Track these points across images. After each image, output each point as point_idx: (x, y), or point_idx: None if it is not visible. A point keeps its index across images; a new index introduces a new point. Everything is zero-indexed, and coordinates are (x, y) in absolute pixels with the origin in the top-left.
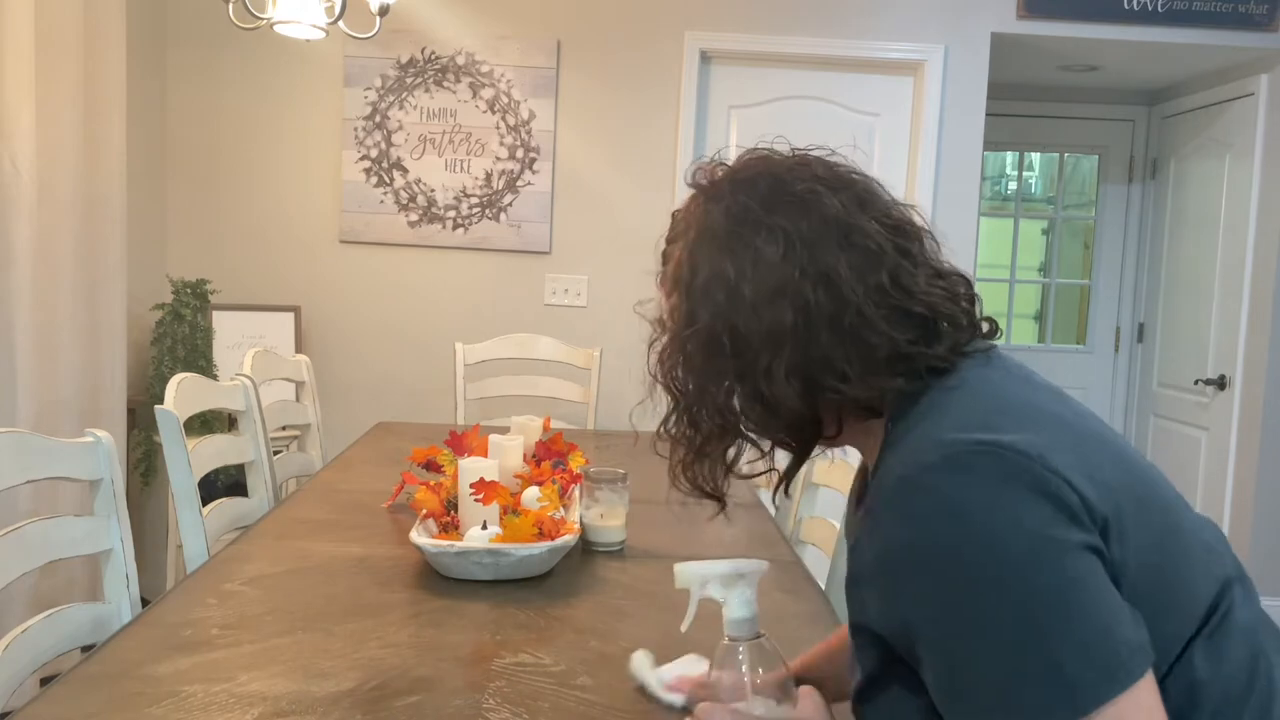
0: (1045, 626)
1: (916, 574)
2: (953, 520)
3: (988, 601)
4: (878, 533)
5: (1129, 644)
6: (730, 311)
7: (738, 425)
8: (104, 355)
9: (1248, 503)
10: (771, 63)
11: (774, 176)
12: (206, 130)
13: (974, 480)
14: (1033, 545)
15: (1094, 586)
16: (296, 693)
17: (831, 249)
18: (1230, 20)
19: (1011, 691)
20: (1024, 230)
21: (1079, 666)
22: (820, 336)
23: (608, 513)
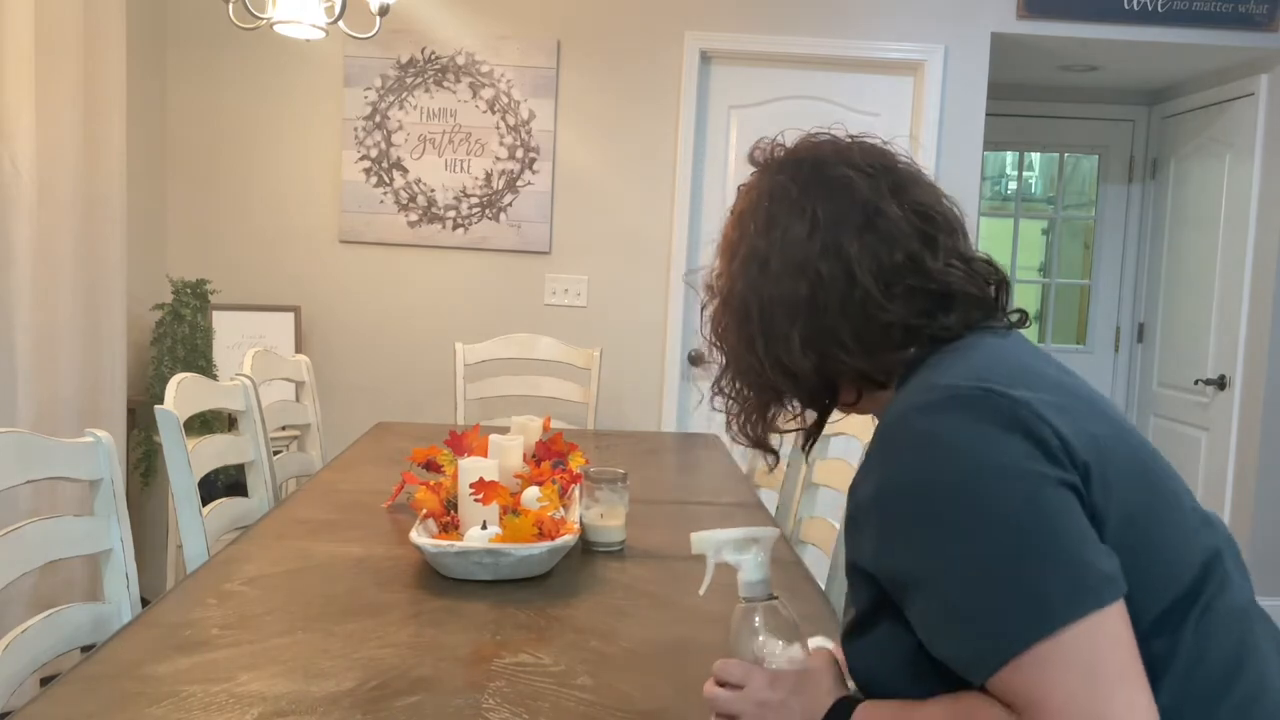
0: (1017, 551)
1: (904, 506)
2: (936, 454)
3: (965, 528)
4: (871, 472)
5: (1099, 572)
6: (760, 283)
7: (769, 387)
8: (104, 355)
9: (1248, 503)
10: (771, 63)
11: (816, 160)
12: (206, 130)
13: (959, 419)
14: (1009, 477)
15: (1066, 517)
16: (296, 693)
17: (851, 230)
18: (1230, 20)
19: (983, 611)
20: (1024, 230)
21: (1048, 588)
22: (830, 310)
23: (608, 513)
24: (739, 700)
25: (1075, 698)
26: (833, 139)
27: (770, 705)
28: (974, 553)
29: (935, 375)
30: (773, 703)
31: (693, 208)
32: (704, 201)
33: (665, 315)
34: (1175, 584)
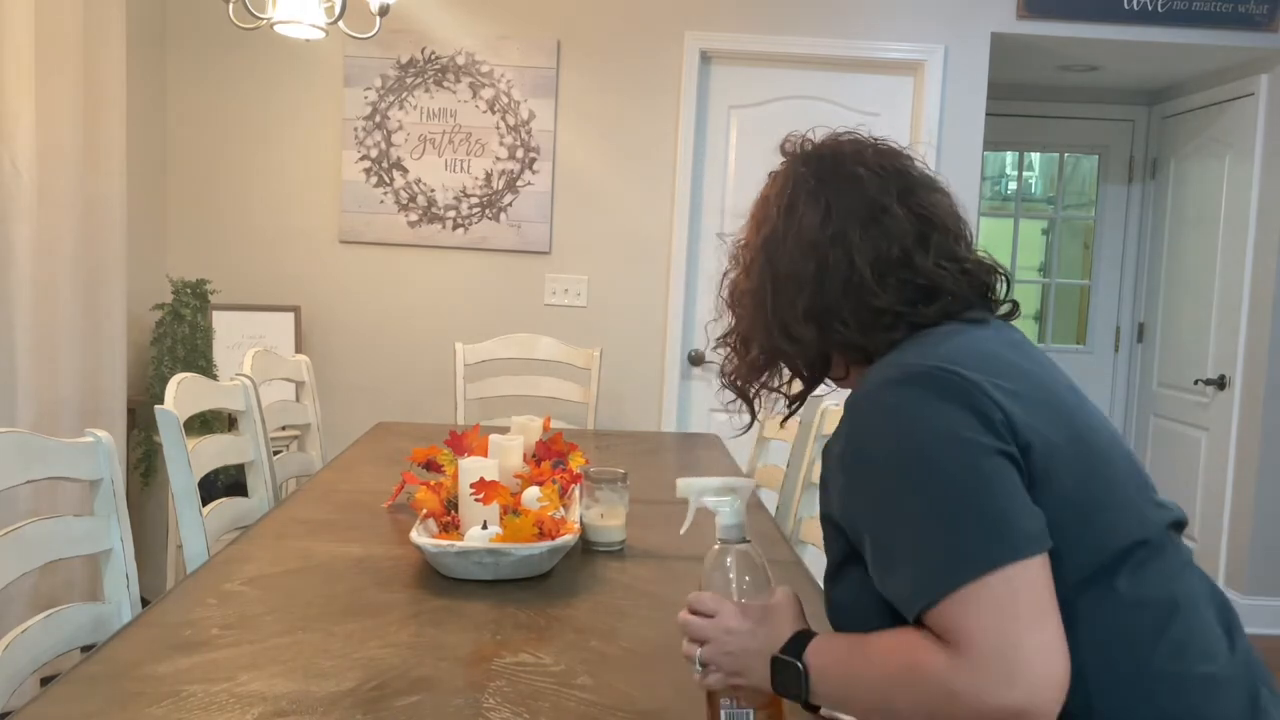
0: (950, 506)
1: (861, 466)
2: (891, 422)
3: (908, 485)
4: (840, 437)
5: (1022, 530)
6: (777, 259)
7: (772, 349)
8: (104, 355)
9: (1248, 503)
10: (771, 63)
11: (836, 156)
12: (206, 130)
13: (912, 392)
14: (951, 444)
15: (998, 480)
16: (296, 693)
17: (857, 223)
18: (1230, 20)
19: (918, 556)
20: (1024, 230)
21: (973, 539)
22: (832, 289)
23: (608, 513)
24: (710, 627)
25: (992, 633)
26: (855, 139)
27: (737, 633)
28: (913, 506)
29: (904, 355)
30: (740, 630)
31: (693, 208)
32: (704, 201)
33: (665, 315)
34: (1112, 544)
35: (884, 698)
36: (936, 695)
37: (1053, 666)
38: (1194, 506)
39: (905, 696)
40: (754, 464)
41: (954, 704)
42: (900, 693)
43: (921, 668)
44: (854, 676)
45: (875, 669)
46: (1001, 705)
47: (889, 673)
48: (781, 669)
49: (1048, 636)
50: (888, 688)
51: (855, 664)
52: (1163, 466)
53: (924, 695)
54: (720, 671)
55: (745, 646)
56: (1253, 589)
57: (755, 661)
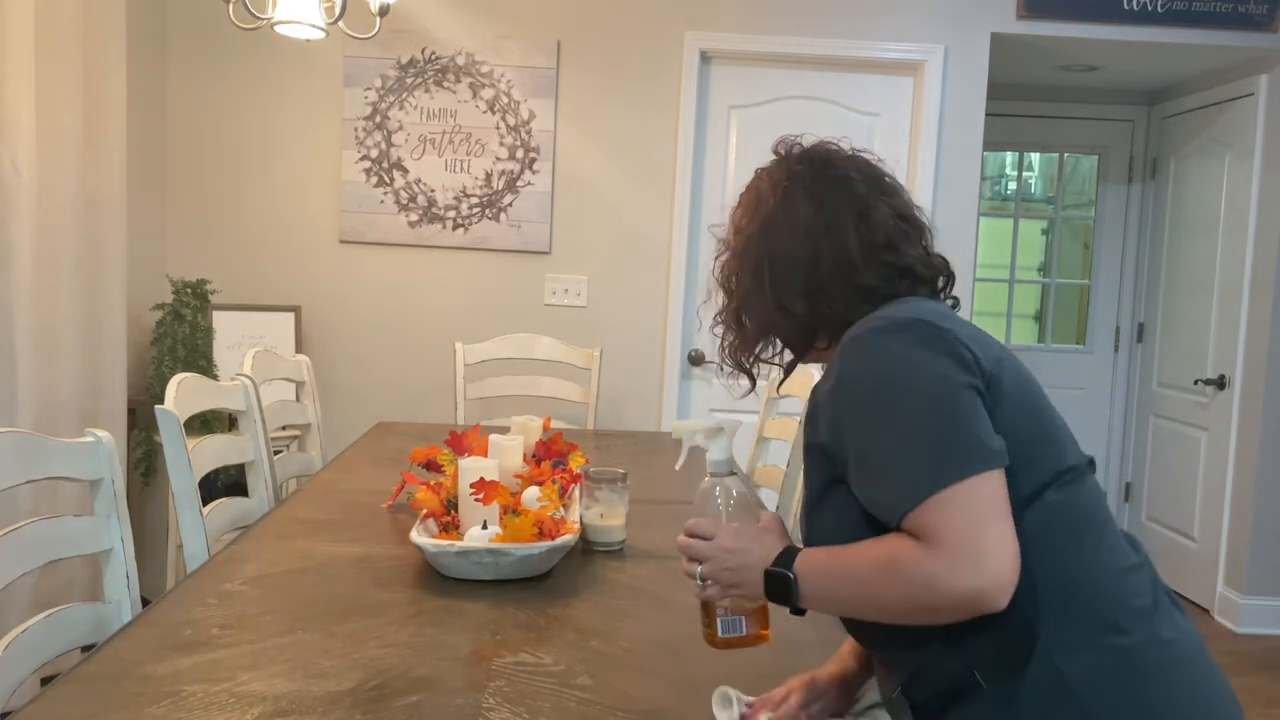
0: (928, 426)
1: (851, 395)
2: (878, 359)
3: (891, 409)
4: (830, 374)
5: (987, 447)
6: (774, 243)
7: (768, 323)
8: (104, 355)
9: (1248, 503)
10: (771, 63)
11: (826, 158)
12: (206, 131)
13: (900, 337)
14: (929, 377)
15: (968, 409)
16: (296, 693)
17: (849, 216)
18: (1230, 20)
19: (900, 468)
20: (1024, 230)
21: (947, 453)
22: (823, 270)
23: (608, 513)
24: (708, 548)
25: (961, 528)
26: (839, 148)
27: (734, 551)
28: (898, 427)
29: (885, 311)
30: (735, 549)
31: (693, 208)
32: (704, 201)
33: (665, 315)
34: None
35: (866, 593)
36: (915, 583)
37: (1007, 554)
38: (1194, 506)
39: (886, 588)
40: (754, 464)
41: (930, 589)
42: (882, 585)
43: (900, 560)
44: (839, 578)
45: (859, 569)
46: (969, 587)
47: (872, 570)
48: (774, 579)
49: (1003, 531)
50: (870, 583)
51: (839, 568)
52: (1163, 466)
53: (904, 584)
54: (718, 585)
55: (741, 563)
56: (1253, 589)
57: (750, 575)
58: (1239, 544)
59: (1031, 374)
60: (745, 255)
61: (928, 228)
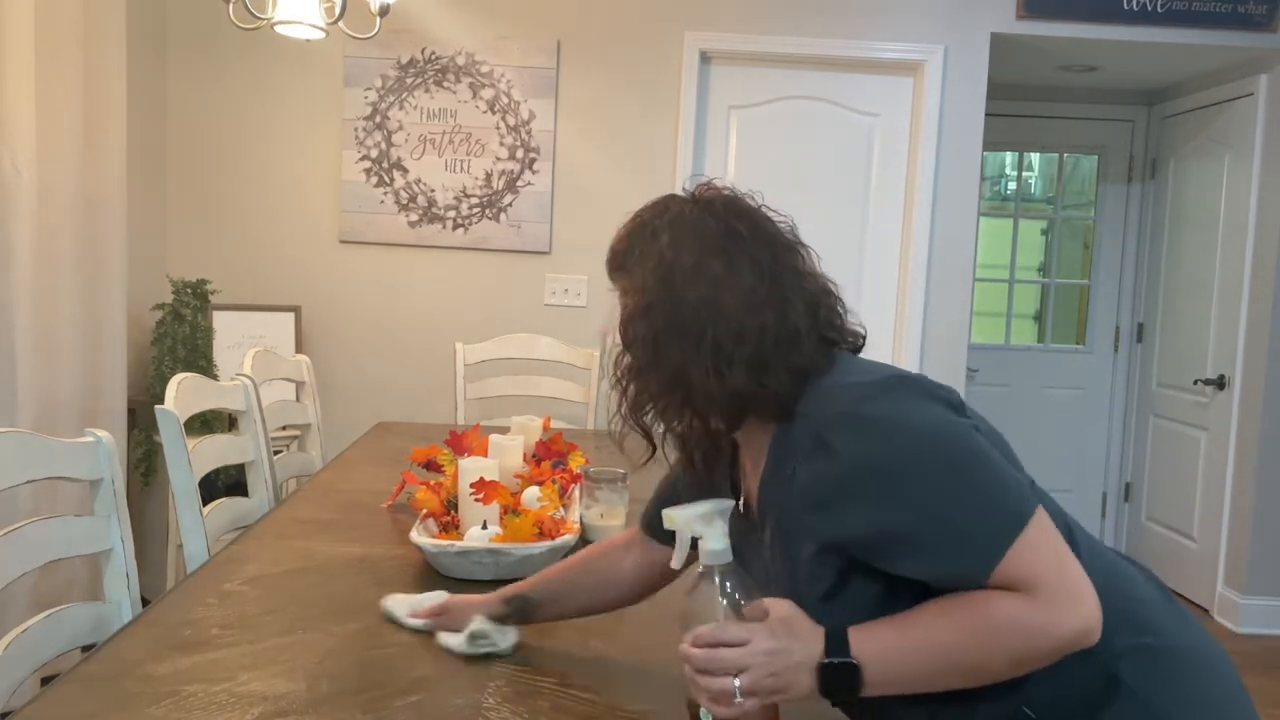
0: (977, 481)
1: (874, 476)
2: (890, 431)
3: (936, 475)
4: (832, 462)
5: (1023, 484)
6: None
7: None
8: (104, 355)
9: (1247, 503)
10: (771, 63)
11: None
12: (206, 130)
13: (891, 400)
14: (949, 433)
15: (991, 451)
16: (296, 693)
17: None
18: (1230, 20)
19: (966, 529)
20: (1024, 230)
21: (1008, 500)
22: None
23: (608, 513)
24: (747, 655)
25: (1053, 569)
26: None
27: (775, 653)
28: (947, 491)
29: (845, 378)
30: (778, 649)
31: None
32: None
33: None
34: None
35: (957, 660)
36: (1021, 635)
37: (1090, 585)
38: (1194, 506)
39: (985, 649)
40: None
41: (1039, 638)
42: (979, 648)
43: (1000, 617)
44: (917, 653)
45: (943, 638)
46: (1074, 628)
47: (963, 635)
48: (833, 673)
49: (1077, 562)
50: (962, 648)
51: (913, 642)
52: (1162, 466)
53: (1007, 640)
54: (758, 694)
55: (786, 664)
56: (1253, 589)
57: (797, 676)
58: (1239, 544)
59: None
60: (676, 314)
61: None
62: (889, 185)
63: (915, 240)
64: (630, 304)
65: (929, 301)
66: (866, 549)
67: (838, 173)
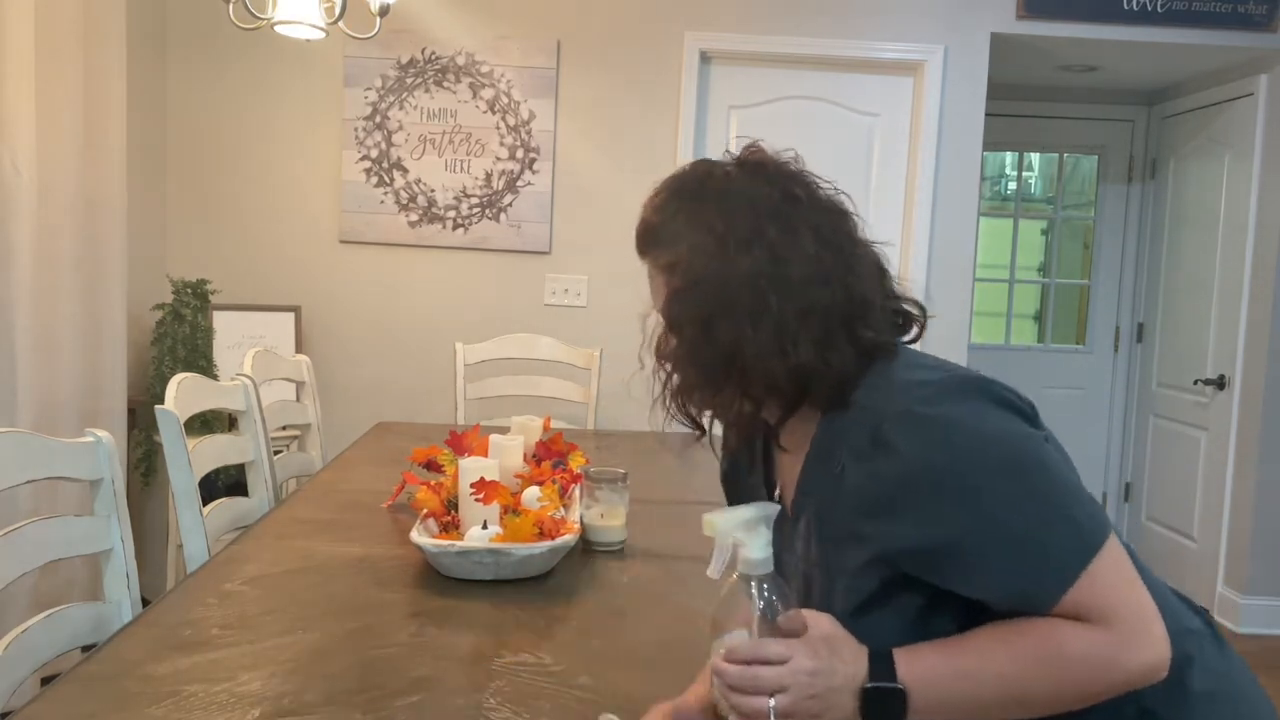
0: (1051, 497)
1: (946, 481)
2: (957, 434)
3: (1010, 486)
4: (892, 463)
5: (1099, 506)
6: (782, 278)
7: (755, 370)
8: (104, 355)
9: (1247, 503)
10: (771, 63)
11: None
12: (206, 131)
13: (967, 404)
14: (1026, 441)
15: (1066, 465)
16: (296, 693)
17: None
18: (1230, 20)
19: (1041, 549)
20: (1024, 230)
21: (1083, 521)
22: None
23: (608, 513)
24: (787, 674)
25: (1127, 599)
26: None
27: (817, 673)
28: (1021, 504)
29: (905, 373)
30: (821, 670)
31: None
32: None
33: None
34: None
35: (1016, 690)
36: (1090, 667)
37: (1159, 618)
38: (1194, 506)
39: (1049, 680)
40: None
41: (1109, 674)
42: (1042, 678)
43: (1068, 647)
44: (973, 680)
45: (1001, 666)
46: (1146, 662)
47: (1025, 664)
48: (876, 698)
49: (1147, 593)
50: (1024, 679)
51: (969, 669)
52: (1162, 466)
53: (1075, 671)
54: (796, 717)
55: (828, 685)
56: (1253, 589)
57: (839, 699)
58: (1239, 544)
59: None
60: (730, 288)
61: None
62: (889, 185)
63: (915, 240)
64: (675, 280)
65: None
66: (922, 562)
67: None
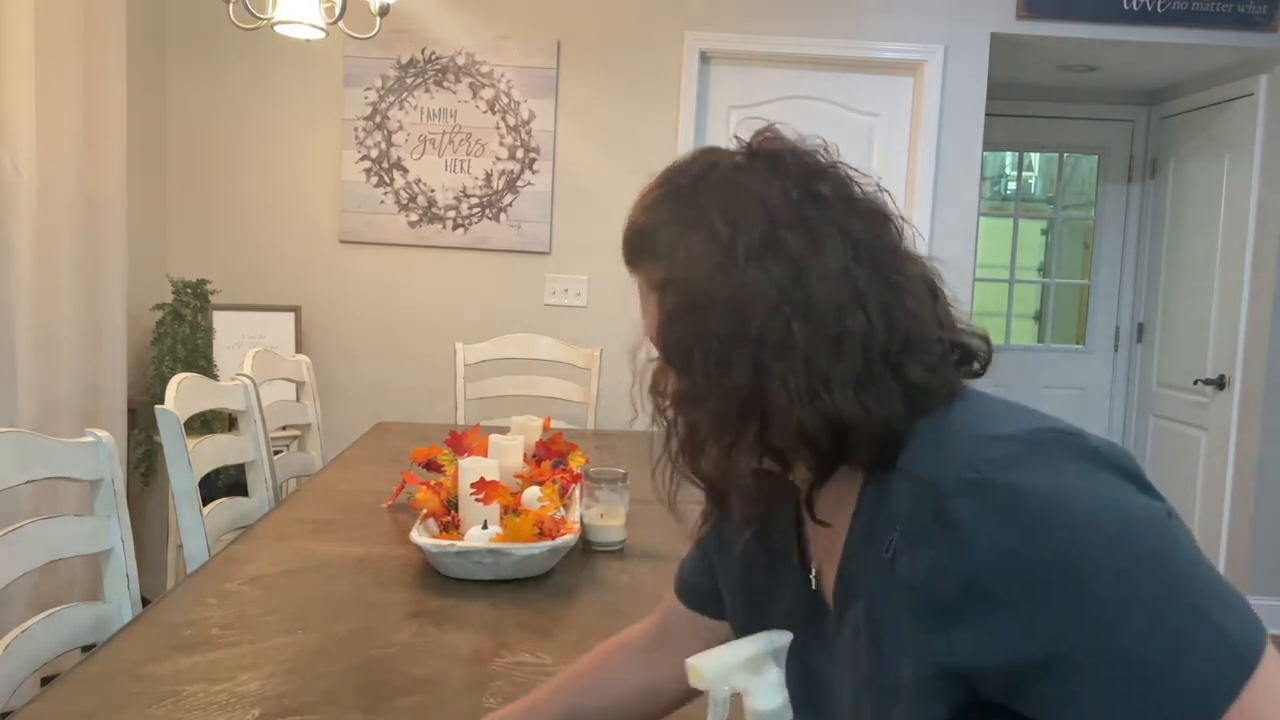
0: (1189, 595)
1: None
2: (1068, 511)
3: (1133, 583)
4: (961, 550)
5: (1247, 602)
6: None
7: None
8: (104, 355)
9: (1247, 503)
10: (771, 63)
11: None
12: (206, 131)
13: (1059, 465)
14: (1142, 519)
15: (1200, 551)
16: (296, 693)
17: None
18: (1230, 20)
19: (1178, 666)
20: (1024, 230)
21: (1231, 627)
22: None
23: (608, 513)
24: None
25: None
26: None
27: None
28: (1147, 608)
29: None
30: None
31: None
32: None
33: None
34: None
35: None
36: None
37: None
38: (1194, 506)
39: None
40: None
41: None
42: None
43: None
44: None
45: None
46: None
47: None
48: None
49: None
50: None
51: None
52: (1162, 466)
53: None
54: None
55: None
56: (1253, 589)
57: None
58: (1239, 544)
59: None
60: (741, 310)
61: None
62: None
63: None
64: (671, 299)
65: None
66: (1008, 682)
67: None
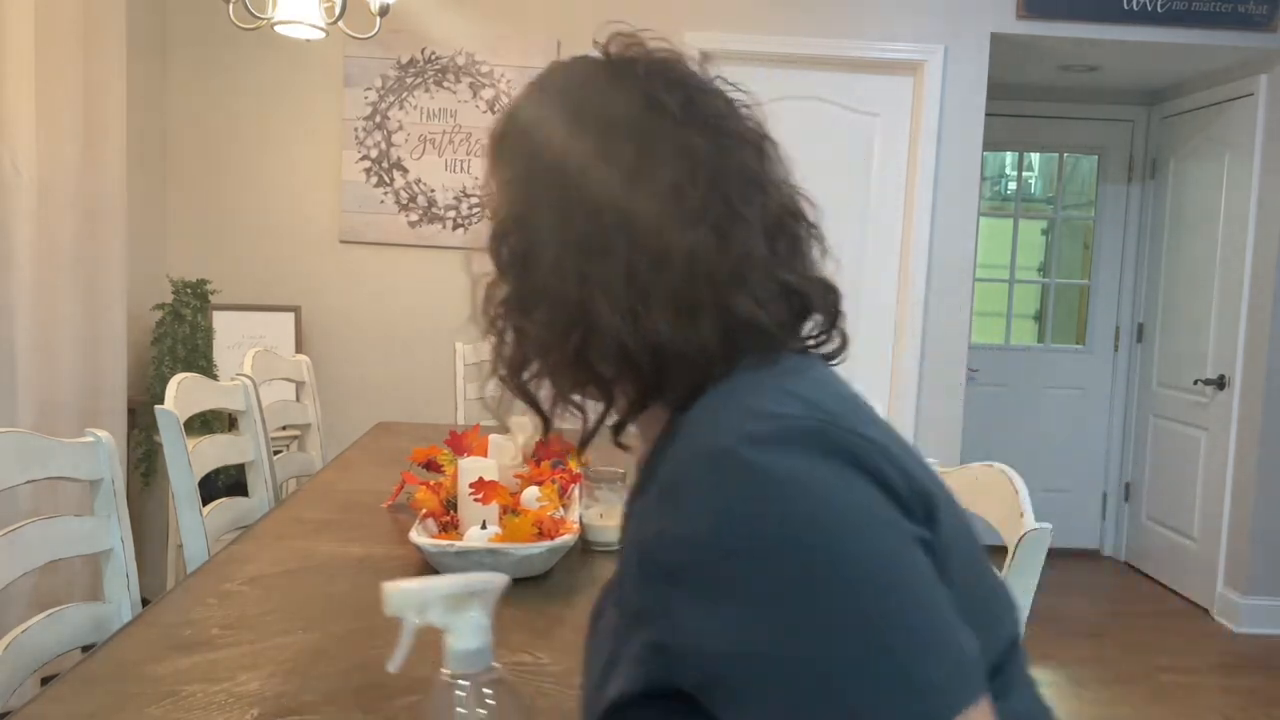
0: (893, 632)
1: (739, 565)
2: (796, 502)
3: (829, 602)
4: (679, 519)
5: (972, 656)
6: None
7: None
8: (104, 355)
9: (1247, 503)
10: (771, 62)
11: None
12: (206, 130)
13: (807, 460)
14: (870, 537)
15: (933, 588)
16: (296, 693)
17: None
18: (1230, 20)
19: (861, 709)
20: (1024, 230)
21: (932, 676)
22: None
23: (607, 512)
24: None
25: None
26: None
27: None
28: (842, 636)
29: (756, 398)
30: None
31: None
32: None
33: None
34: (1002, 641)
35: None
36: None
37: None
38: (1193, 506)
39: None
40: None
41: None
42: None
43: None
44: None
45: None
46: None
47: None
48: None
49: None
50: None
51: None
52: (1162, 466)
53: None
54: None
55: None
56: (1252, 589)
57: None
58: (1239, 544)
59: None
60: (567, 220)
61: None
62: (889, 185)
63: (915, 240)
64: (505, 204)
65: (929, 301)
66: (690, 671)
67: (838, 173)
